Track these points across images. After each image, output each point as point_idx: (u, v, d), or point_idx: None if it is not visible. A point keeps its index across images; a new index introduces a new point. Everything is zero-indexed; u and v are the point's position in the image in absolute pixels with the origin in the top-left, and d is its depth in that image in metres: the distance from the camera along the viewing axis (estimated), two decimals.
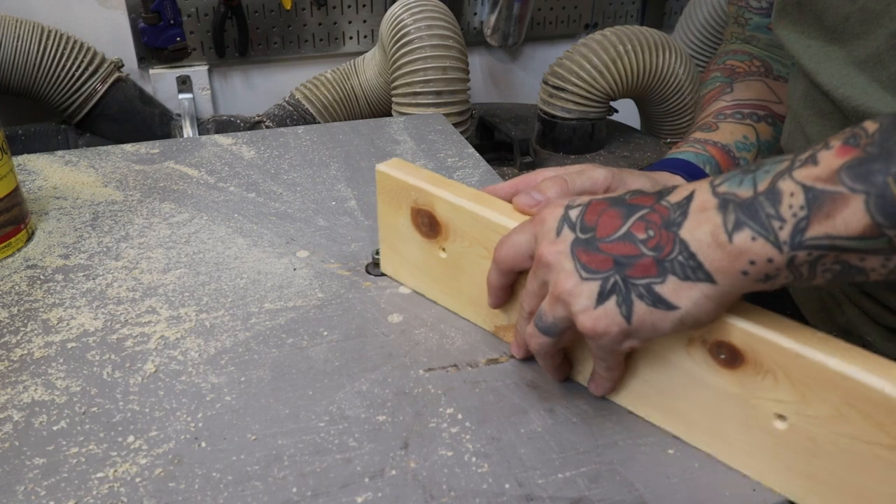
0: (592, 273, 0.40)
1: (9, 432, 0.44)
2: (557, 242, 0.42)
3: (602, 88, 1.43)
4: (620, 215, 0.40)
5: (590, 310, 0.40)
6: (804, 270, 0.36)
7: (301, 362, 0.50)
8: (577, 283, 0.40)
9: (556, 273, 0.42)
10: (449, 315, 0.55)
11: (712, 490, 0.41)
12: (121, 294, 0.57)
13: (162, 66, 1.55)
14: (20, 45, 1.32)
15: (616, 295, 0.39)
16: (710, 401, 0.42)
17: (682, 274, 0.38)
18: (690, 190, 0.39)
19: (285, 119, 1.55)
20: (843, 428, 0.36)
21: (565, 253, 0.41)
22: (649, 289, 0.38)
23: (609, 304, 0.40)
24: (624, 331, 0.40)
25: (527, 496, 0.40)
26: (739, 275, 0.36)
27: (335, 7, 1.61)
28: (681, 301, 0.38)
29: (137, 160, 0.80)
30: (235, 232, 0.66)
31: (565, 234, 0.42)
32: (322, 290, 0.58)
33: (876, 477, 0.36)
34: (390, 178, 0.54)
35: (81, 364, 0.49)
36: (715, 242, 0.37)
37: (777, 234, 0.35)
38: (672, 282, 0.38)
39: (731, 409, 0.41)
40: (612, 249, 0.40)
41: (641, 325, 0.39)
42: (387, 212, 0.56)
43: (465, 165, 0.80)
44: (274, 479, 0.41)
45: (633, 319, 0.39)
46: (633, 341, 0.41)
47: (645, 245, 0.39)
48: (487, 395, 0.47)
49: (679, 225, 0.38)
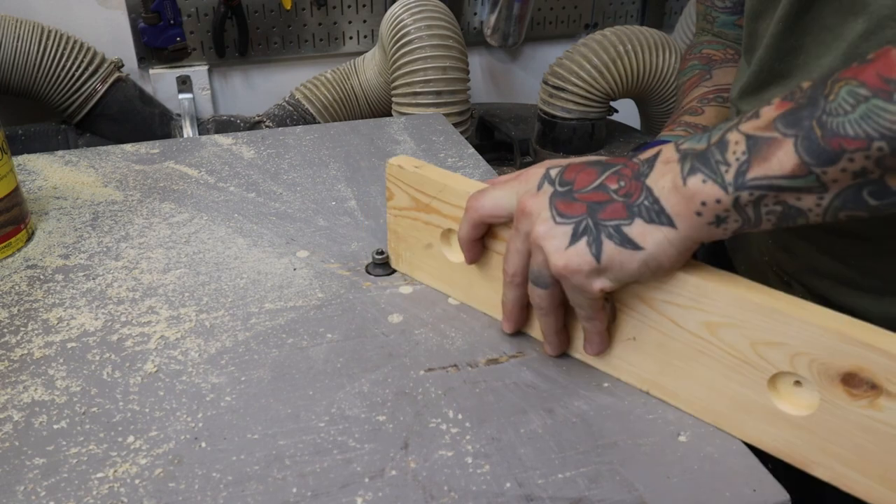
0: (566, 218, 0.44)
1: (9, 432, 0.44)
2: (538, 195, 0.45)
3: (602, 88, 1.42)
4: (596, 171, 0.45)
5: (561, 250, 0.43)
6: (749, 212, 0.40)
7: (301, 362, 0.50)
8: (552, 227, 0.44)
9: (533, 220, 0.45)
10: (449, 315, 0.55)
11: (712, 490, 0.41)
12: (121, 294, 0.57)
13: (162, 66, 1.55)
14: (20, 45, 1.32)
15: (587, 235, 0.43)
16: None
17: (648, 217, 0.42)
18: (658, 149, 0.44)
19: (285, 119, 1.55)
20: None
21: (544, 203, 0.45)
22: (618, 229, 0.42)
23: (580, 244, 0.43)
24: (594, 268, 0.43)
25: (527, 496, 0.40)
26: (694, 216, 0.41)
27: (335, 7, 1.61)
28: (646, 242, 0.42)
29: (137, 160, 0.80)
30: (235, 232, 0.66)
31: (545, 188, 0.45)
32: (322, 290, 0.58)
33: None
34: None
35: (81, 364, 0.49)
36: (674, 187, 0.41)
37: (724, 176, 0.39)
38: (639, 224, 0.42)
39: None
40: (586, 198, 0.44)
41: (610, 264, 0.43)
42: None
43: (465, 165, 0.80)
44: (274, 479, 0.41)
45: (603, 258, 0.43)
46: (603, 281, 0.44)
47: (616, 193, 0.43)
48: (487, 395, 0.47)
49: (646, 175, 0.43)
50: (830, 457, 0.41)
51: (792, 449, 0.42)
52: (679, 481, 0.42)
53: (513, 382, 0.48)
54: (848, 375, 0.39)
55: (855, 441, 0.40)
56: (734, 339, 0.42)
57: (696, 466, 0.43)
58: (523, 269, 0.47)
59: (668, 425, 0.45)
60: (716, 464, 0.43)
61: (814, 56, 0.51)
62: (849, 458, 0.40)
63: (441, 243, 0.56)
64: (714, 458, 0.43)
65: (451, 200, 0.53)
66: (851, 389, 0.39)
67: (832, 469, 0.41)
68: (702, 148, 0.41)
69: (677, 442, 0.44)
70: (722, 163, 0.39)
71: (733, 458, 0.43)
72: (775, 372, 0.41)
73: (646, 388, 0.48)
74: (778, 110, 0.38)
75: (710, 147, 0.40)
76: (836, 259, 0.54)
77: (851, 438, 0.40)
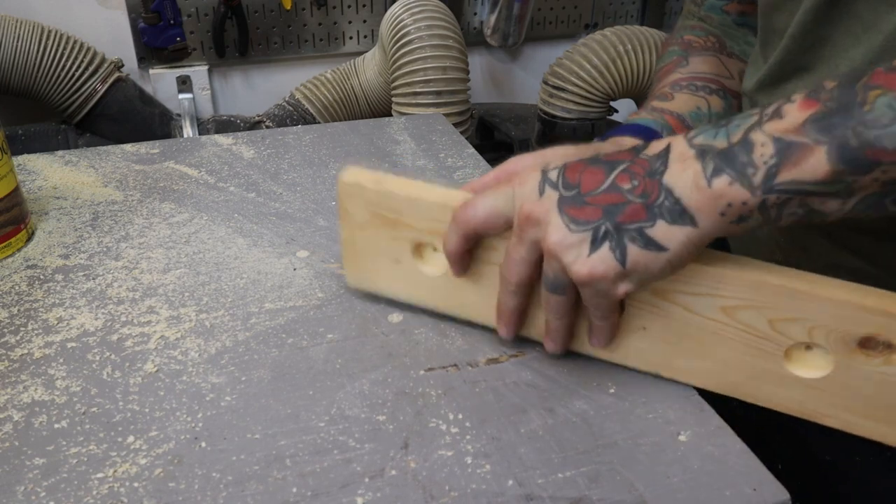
0: (581, 225, 0.42)
1: (9, 432, 0.44)
2: (542, 201, 0.43)
3: (602, 88, 1.43)
4: (602, 171, 0.43)
5: (583, 258, 0.42)
6: (773, 212, 0.39)
7: (301, 362, 0.50)
8: (567, 235, 0.42)
9: (544, 228, 0.43)
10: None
11: (712, 490, 0.41)
12: (121, 294, 0.57)
13: (162, 66, 1.55)
14: (20, 45, 1.32)
15: (608, 241, 0.41)
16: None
17: (670, 218, 0.41)
18: (666, 143, 0.42)
19: (285, 119, 1.55)
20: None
21: (551, 210, 0.42)
22: (641, 232, 0.41)
23: (602, 250, 0.41)
24: (619, 273, 0.42)
25: (527, 496, 0.40)
26: (718, 216, 0.40)
27: (335, 7, 1.61)
28: (671, 243, 0.41)
29: (137, 160, 0.80)
30: (235, 232, 0.66)
31: (548, 193, 0.43)
32: (322, 290, 0.58)
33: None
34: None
35: (81, 364, 0.49)
36: (696, 187, 0.40)
37: (751, 179, 0.39)
38: (661, 225, 0.41)
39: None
40: (599, 201, 0.42)
41: (635, 267, 0.41)
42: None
43: (465, 165, 0.80)
44: (274, 479, 0.41)
45: (628, 262, 0.41)
46: (626, 284, 0.42)
47: (631, 193, 0.41)
48: (487, 395, 0.47)
49: (661, 173, 0.41)
50: (841, 409, 0.43)
51: (803, 406, 0.44)
52: (679, 481, 0.42)
53: (513, 382, 0.48)
54: (865, 339, 0.40)
55: (867, 393, 0.41)
56: (752, 320, 0.43)
57: (696, 466, 0.43)
58: (529, 277, 0.46)
59: (668, 425, 0.45)
60: (716, 463, 0.43)
61: (841, 48, 0.50)
62: (860, 408, 0.42)
63: (413, 258, 0.51)
64: (714, 458, 0.43)
65: (425, 214, 0.49)
66: (867, 351, 0.40)
67: (842, 419, 0.43)
68: (722, 146, 0.40)
69: (677, 442, 0.44)
70: (749, 165, 0.39)
71: (733, 457, 0.43)
72: (792, 344, 0.42)
73: (655, 370, 0.48)
74: (804, 111, 0.38)
75: (733, 147, 0.40)
76: (857, 256, 0.54)
77: (863, 392, 0.41)
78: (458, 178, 0.77)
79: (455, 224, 0.47)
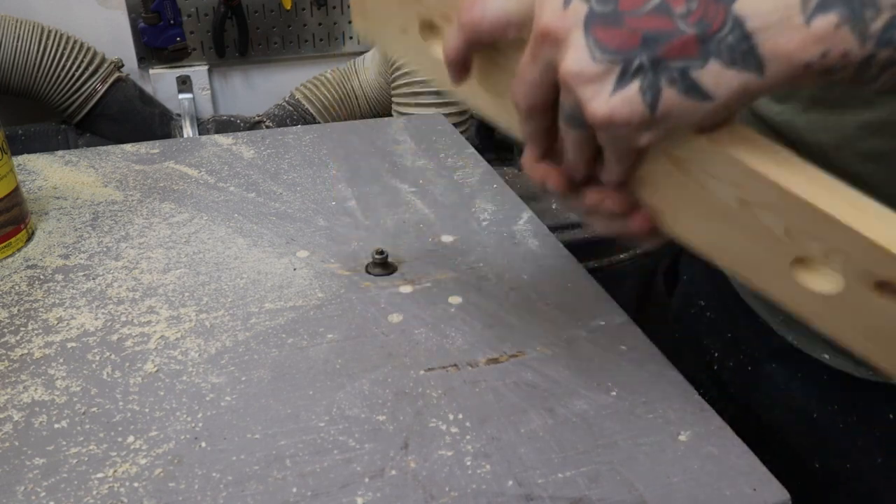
0: (610, 53, 0.32)
1: (9, 432, 0.44)
2: (566, 14, 0.33)
3: None
4: None
5: (604, 95, 0.32)
6: (873, 71, 0.30)
7: (301, 362, 0.50)
8: (588, 65, 0.32)
9: (560, 47, 0.33)
10: (449, 315, 0.55)
11: (712, 490, 0.41)
12: (121, 294, 0.57)
13: (162, 66, 1.55)
14: (20, 45, 1.32)
15: (640, 78, 0.32)
16: None
17: (729, 59, 0.31)
18: None
19: (285, 119, 1.55)
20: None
21: (577, 27, 0.33)
22: (684, 73, 0.31)
23: (630, 90, 0.32)
24: (645, 121, 0.33)
25: (527, 496, 0.40)
26: (800, 67, 0.30)
27: (335, 7, 1.61)
28: (720, 91, 0.31)
29: (137, 160, 0.80)
30: (235, 232, 0.66)
31: (575, 4, 0.33)
32: (322, 290, 0.58)
33: None
34: None
35: (81, 364, 0.49)
36: (784, 23, 0.30)
37: (868, 24, 0.29)
38: (714, 67, 0.31)
39: None
40: (640, 24, 0.31)
41: (667, 116, 0.32)
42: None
43: (465, 165, 0.80)
44: (274, 479, 0.41)
45: (659, 108, 0.32)
46: (651, 135, 0.34)
47: (685, 20, 0.31)
48: (487, 395, 0.47)
49: None
50: (840, 328, 0.38)
51: (801, 308, 0.39)
52: (679, 481, 0.42)
53: (513, 382, 0.48)
54: (882, 283, 0.35)
55: (869, 324, 0.38)
56: (769, 221, 0.37)
57: (696, 466, 0.43)
58: (543, 103, 0.37)
59: (668, 425, 0.45)
60: (716, 463, 0.43)
61: None
62: (860, 331, 0.38)
63: (422, 31, 0.44)
64: (714, 458, 0.43)
65: None
66: (881, 291, 0.37)
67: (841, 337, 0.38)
68: None
69: (677, 442, 0.44)
70: (870, 6, 0.29)
71: (734, 457, 0.43)
72: (803, 255, 0.37)
73: (656, 216, 0.41)
74: None
75: None
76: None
77: (867, 322, 0.38)
78: (457, 178, 0.77)
79: (458, 24, 0.38)
